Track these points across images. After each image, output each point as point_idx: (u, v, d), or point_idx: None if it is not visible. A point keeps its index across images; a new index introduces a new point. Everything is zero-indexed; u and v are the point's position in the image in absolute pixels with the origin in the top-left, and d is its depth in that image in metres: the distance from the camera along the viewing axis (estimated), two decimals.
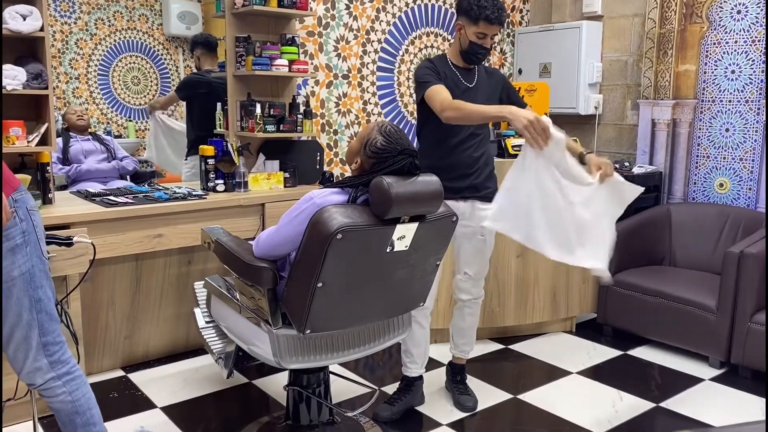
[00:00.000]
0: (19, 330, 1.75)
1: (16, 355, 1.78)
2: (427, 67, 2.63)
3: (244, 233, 3.01)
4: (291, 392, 2.38)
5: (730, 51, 3.96)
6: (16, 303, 1.73)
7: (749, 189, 3.95)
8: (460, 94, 2.61)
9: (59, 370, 1.82)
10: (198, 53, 4.00)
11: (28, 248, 1.72)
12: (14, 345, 1.76)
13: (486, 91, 2.69)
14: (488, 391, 3.00)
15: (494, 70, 2.82)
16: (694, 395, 3.00)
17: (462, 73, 2.67)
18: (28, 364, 1.78)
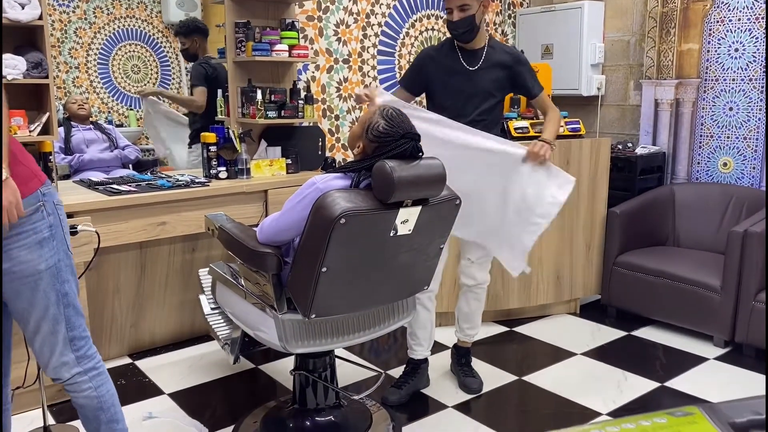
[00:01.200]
0: (46, 324, 1.72)
1: (43, 349, 1.76)
2: (415, 59, 2.70)
3: (248, 220, 3.01)
4: (297, 377, 2.39)
5: (734, 29, 3.93)
6: (43, 297, 1.71)
7: (753, 168, 3.94)
8: (457, 77, 2.61)
9: (85, 365, 1.81)
10: (197, 39, 3.96)
11: (54, 242, 1.71)
12: (40, 339, 1.74)
13: (491, 75, 2.62)
14: (493, 373, 3.01)
15: (510, 53, 2.67)
16: (699, 374, 3.01)
17: (466, 55, 2.62)
18: (55, 359, 1.76)
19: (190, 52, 3.97)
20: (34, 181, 1.68)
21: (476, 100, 2.62)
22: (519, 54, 2.70)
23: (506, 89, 2.70)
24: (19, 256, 1.65)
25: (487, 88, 2.63)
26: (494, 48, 2.65)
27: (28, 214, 1.64)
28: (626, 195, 3.96)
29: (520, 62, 2.66)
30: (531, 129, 3.48)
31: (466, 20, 2.53)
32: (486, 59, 2.62)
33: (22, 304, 1.70)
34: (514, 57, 2.66)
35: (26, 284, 1.67)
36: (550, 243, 3.58)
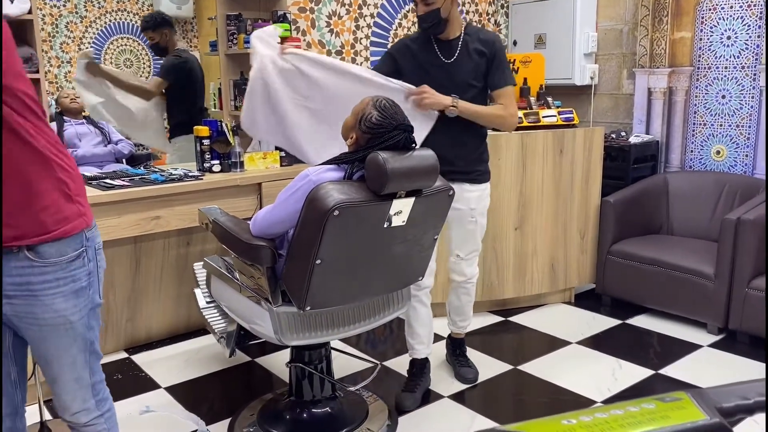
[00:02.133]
0: (69, 372, 1.62)
1: (62, 395, 1.65)
2: (390, 47, 2.66)
3: (242, 213, 3.01)
4: (293, 369, 2.40)
5: (726, 16, 3.93)
6: (69, 345, 1.59)
7: (746, 156, 3.95)
8: (434, 71, 2.51)
9: (102, 408, 1.72)
10: (166, 32, 3.85)
11: (90, 290, 1.60)
12: (61, 386, 1.64)
13: (469, 65, 2.52)
14: (489, 362, 3.03)
15: (486, 40, 2.54)
16: (693, 361, 3.03)
17: (442, 47, 2.53)
18: (77, 405, 1.66)
19: (160, 45, 3.88)
20: (79, 221, 1.54)
21: (456, 92, 2.50)
22: (496, 40, 2.56)
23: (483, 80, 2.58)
24: (53, 303, 1.52)
25: (466, 79, 2.52)
26: (471, 36, 2.54)
27: (69, 260, 1.52)
28: (620, 184, 3.97)
29: (496, 49, 2.53)
30: (524, 119, 3.48)
31: (432, 14, 2.44)
32: (462, 50, 2.52)
33: (48, 351, 1.59)
34: (490, 43, 2.52)
35: (56, 332, 1.57)
36: (545, 232, 3.59)
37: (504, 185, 3.42)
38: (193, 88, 3.81)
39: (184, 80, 3.84)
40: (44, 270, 1.49)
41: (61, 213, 1.49)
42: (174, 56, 3.86)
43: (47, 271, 1.50)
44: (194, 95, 3.87)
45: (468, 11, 4.73)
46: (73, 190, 1.52)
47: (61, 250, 1.50)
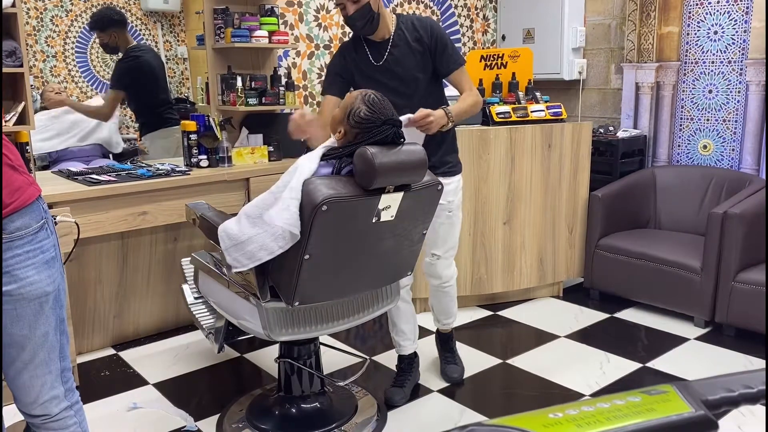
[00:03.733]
0: (42, 352, 1.58)
1: (33, 382, 1.59)
2: (330, 62, 2.51)
3: (229, 208, 2.99)
4: (282, 364, 2.40)
5: (713, 11, 3.95)
6: (44, 321, 1.56)
7: (732, 150, 3.97)
8: (369, 77, 2.41)
9: (71, 399, 1.67)
10: (115, 33, 3.75)
11: (57, 263, 1.58)
12: (32, 370, 1.58)
13: (406, 62, 2.38)
14: (477, 356, 3.04)
15: (423, 26, 2.38)
16: (680, 354, 3.05)
17: (374, 49, 2.41)
18: (45, 391, 1.60)
19: (110, 45, 3.79)
20: (32, 190, 1.53)
21: (404, 89, 2.39)
22: (433, 25, 2.41)
23: (430, 67, 2.43)
24: (27, 276, 1.50)
25: (411, 72, 2.39)
26: (405, 26, 2.40)
27: (34, 232, 1.51)
28: (608, 178, 3.99)
29: (435, 33, 2.38)
30: (513, 114, 3.48)
31: (363, 10, 2.29)
32: (394, 50, 2.39)
33: (21, 330, 1.54)
34: (427, 29, 2.38)
35: (30, 307, 1.53)
36: (533, 227, 3.60)
37: (492, 180, 3.43)
38: (152, 84, 3.79)
39: (141, 80, 3.77)
40: (12, 245, 1.48)
41: (11, 185, 1.47)
42: (124, 60, 3.77)
43: (15, 246, 1.48)
44: (156, 90, 3.86)
45: (456, 5, 4.73)
46: (14, 161, 1.51)
47: (25, 222, 1.49)
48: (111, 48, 3.81)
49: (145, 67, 3.76)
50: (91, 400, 2.63)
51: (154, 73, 3.73)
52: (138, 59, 3.75)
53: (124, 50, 3.79)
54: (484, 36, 4.94)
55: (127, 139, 4.38)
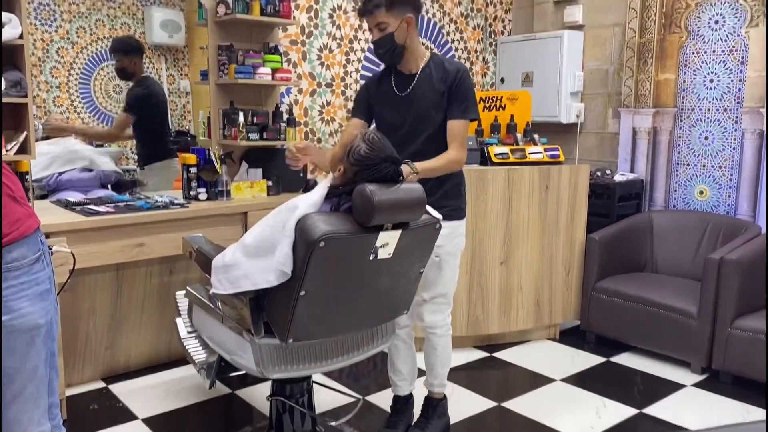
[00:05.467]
0: (31, 386, 1.55)
1: (20, 416, 1.55)
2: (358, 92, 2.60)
3: (227, 242, 2.97)
4: (274, 402, 2.36)
5: (709, 60, 4.02)
6: (35, 355, 1.53)
7: (728, 196, 4.00)
8: (391, 104, 2.44)
9: None
10: (136, 59, 3.87)
11: (51, 295, 1.57)
12: (20, 404, 1.55)
13: (425, 99, 2.38)
14: (473, 398, 3.00)
15: (449, 69, 2.38)
16: (677, 401, 3.01)
17: (399, 80, 2.44)
18: (32, 427, 1.56)
19: (128, 71, 3.89)
20: (31, 222, 1.53)
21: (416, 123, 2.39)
22: (460, 69, 2.38)
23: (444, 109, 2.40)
24: (21, 308, 1.48)
25: (426, 109, 2.39)
26: (431, 67, 2.41)
27: (30, 264, 1.50)
28: (605, 221, 4.00)
29: (456, 78, 2.36)
30: (511, 155, 3.51)
31: (386, 39, 2.35)
32: (419, 83, 2.40)
33: (11, 363, 1.52)
34: (452, 72, 2.37)
35: (22, 339, 1.51)
36: (530, 267, 3.60)
37: (490, 219, 3.44)
38: (159, 117, 3.87)
39: (151, 110, 3.86)
40: (7, 276, 1.46)
41: (11, 215, 1.47)
42: (139, 87, 3.87)
43: (11, 276, 1.47)
44: (162, 123, 3.95)
45: (457, 48, 4.81)
46: (16, 192, 1.51)
47: (22, 253, 1.48)
48: (127, 74, 3.89)
49: (156, 97, 3.83)
50: None
51: (162, 106, 3.80)
52: (150, 88, 3.84)
53: (137, 78, 3.89)
54: (484, 78, 5.02)
55: (127, 170, 4.40)
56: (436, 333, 2.57)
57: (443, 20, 4.71)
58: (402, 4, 2.34)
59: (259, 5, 3.40)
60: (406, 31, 2.37)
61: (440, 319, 2.56)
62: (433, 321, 2.55)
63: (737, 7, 3.86)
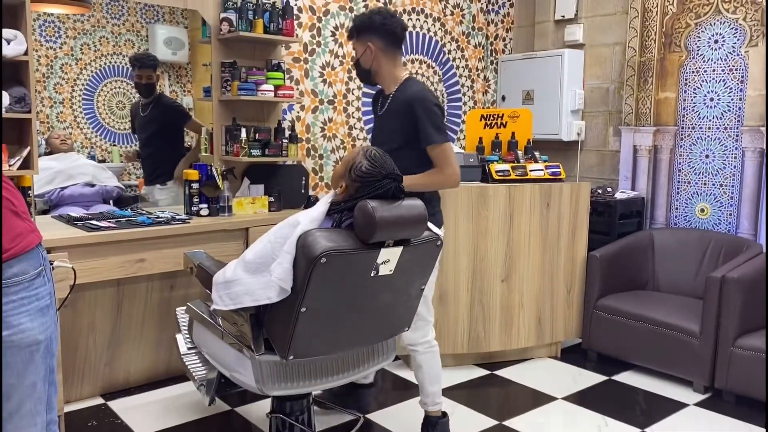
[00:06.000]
0: (29, 403, 1.53)
1: None
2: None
3: (228, 258, 2.98)
4: (274, 420, 2.34)
5: (709, 79, 4.05)
6: (34, 371, 1.52)
7: (729, 214, 4.00)
8: (377, 120, 2.72)
9: None
10: (157, 74, 3.92)
11: (51, 311, 1.56)
12: (17, 421, 1.53)
13: (394, 121, 2.55)
14: (473, 417, 2.97)
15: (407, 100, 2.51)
16: (679, 420, 2.99)
17: (382, 99, 2.67)
18: None
19: (150, 86, 3.94)
20: (32, 237, 1.53)
21: (387, 142, 2.50)
22: (417, 97, 2.50)
23: (408, 135, 2.53)
24: (20, 323, 1.47)
25: (391, 132, 2.55)
26: (400, 92, 2.56)
27: (30, 279, 1.50)
28: (606, 239, 4.00)
29: (413, 107, 2.48)
30: (512, 172, 3.52)
31: (355, 63, 2.65)
32: (392, 105, 2.58)
33: (8, 379, 1.50)
34: (408, 102, 2.50)
35: (20, 355, 1.50)
36: (531, 285, 3.59)
37: (491, 236, 3.43)
38: (182, 131, 3.86)
39: (177, 122, 3.89)
40: (7, 291, 1.45)
41: (13, 230, 1.46)
42: (167, 98, 3.92)
43: (11, 292, 1.46)
44: (182, 138, 3.93)
45: (458, 66, 4.84)
46: (18, 207, 1.50)
47: (23, 268, 1.47)
48: (148, 88, 3.92)
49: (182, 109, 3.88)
50: None
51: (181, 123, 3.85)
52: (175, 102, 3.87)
53: (157, 94, 3.93)
54: (485, 96, 5.04)
55: (129, 186, 4.41)
56: (417, 350, 2.58)
57: (445, 38, 4.74)
58: (366, 32, 2.55)
59: (263, 23, 3.43)
60: (370, 57, 2.56)
61: (419, 336, 2.56)
62: (412, 338, 2.56)
63: (737, 27, 3.89)
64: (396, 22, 2.55)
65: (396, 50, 2.58)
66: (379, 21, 2.52)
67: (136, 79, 3.92)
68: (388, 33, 2.54)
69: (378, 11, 2.57)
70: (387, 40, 2.54)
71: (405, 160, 2.43)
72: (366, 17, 2.57)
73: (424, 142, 2.48)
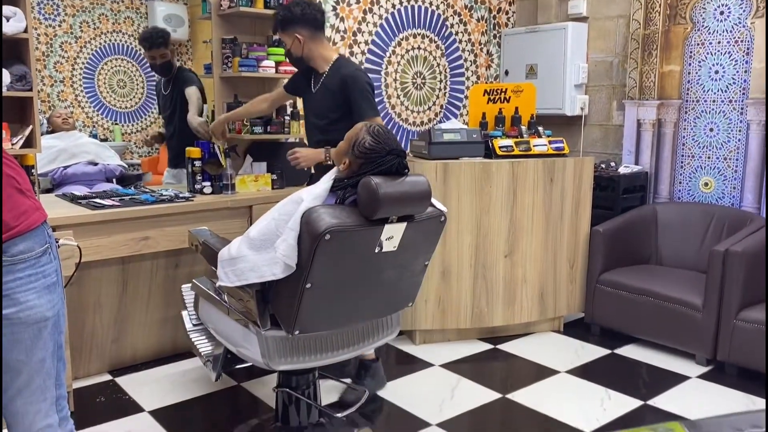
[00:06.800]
0: (38, 378, 1.56)
1: (27, 409, 1.56)
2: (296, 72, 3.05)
3: (232, 235, 2.98)
4: (280, 394, 2.37)
5: (714, 51, 4.01)
6: (42, 347, 1.54)
7: (733, 188, 3.99)
8: (306, 100, 2.96)
9: (65, 428, 1.65)
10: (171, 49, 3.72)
11: (59, 288, 1.58)
12: (27, 396, 1.55)
13: (326, 97, 2.82)
14: (477, 390, 3.00)
15: (341, 75, 2.79)
16: (681, 393, 3.02)
17: (314, 77, 2.90)
18: (39, 419, 1.57)
19: (167, 63, 3.72)
20: (38, 215, 1.54)
21: (316, 119, 2.87)
22: (350, 76, 2.77)
23: (344, 110, 2.79)
24: (28, 300, 1.49)
25: (322, 110, 2.84)
26: (334, 71, 2.82)
27: (37, 256, 1.52)
28: (609, 214, 4.00)
29: (347, 85, 2.76)
30: (515, 147, 3.51)
31: (287, 53, 2.90)
32: (323, 83, 2.85)
33: (17, 356, 1.52)
34: (343, 80, 2.77)
35: (29, 332, 1.52)
36: (534, 260, 3.60)
37: (494, 212, 3.44)
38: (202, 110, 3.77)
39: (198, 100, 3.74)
40: (14, 268, 1.47)
41: (18, 208, 1.48)
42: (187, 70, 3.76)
43: (18, 269, 1.48)
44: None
45: (461, 40, 4.80)
46: (23, 185, 1.52)
47: (29, 246, 1.49)
48: (164, 68, 3.73)
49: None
50: (85, 427, 2.59)
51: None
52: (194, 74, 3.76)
53: (176, 69, 3.78)
54: (488, 71, 5.01)
55: (131, 165, 4.41)
56: None
57: (447, 12, 4.70)
58: (290, 24, 2.79)
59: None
60: (300, 46, 2.81)
61: None
62: None
63: None
64: (314, 8, 2.81)
65: (320, 33, 2.85)
66: (299, 12, 2.76)
67: (150, 60, 3.74)
68: (310, 21, 2.79)
69: (296, 2, 2.79)
70: (311, 27, 2.79)
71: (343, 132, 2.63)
72: (287, 10, 2.79)
73: (358, 117, 2.70)
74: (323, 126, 2.86)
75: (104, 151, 4.02)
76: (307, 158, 2.84)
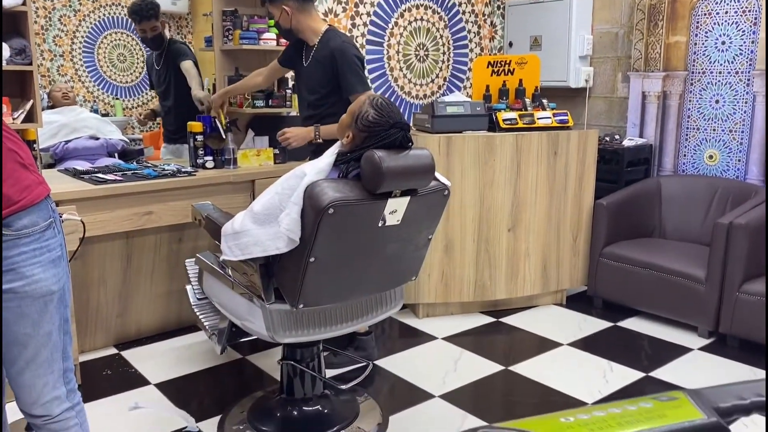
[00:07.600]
0: (45, 352, 1.58)
1: (34, 381, 1.58)
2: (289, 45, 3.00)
3: (234, 209, 2.98)
4: (285, 367, 2.39)
5: (721, 22, 3.95)
6: (48, 320, 1.56)
7: (738, 161, 3.97)
8: (298, 72, 2.91)
9: (73, 400, 1.67)
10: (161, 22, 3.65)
11: (63, 262, 1.59)
12: (34, 369, 1.57)
13: (317, 71, 2.77)
14: (480, 363, 3.03)
15: (331, 49, 2.73)
16: (683, 364, 3.04)
17: (305, 50, 2.85)
18: (47, 391, 1.59)
19: (159, 37, 3.64)
20: (41, 189, 1.54)
21: (308, 93, 2.84)
22: (338, 49, 2.72)
23: (333, 84, 2.76)
24: (33, 274, 1.51)
25: (313, 84, 2.81)
26: (322, 44, 2.78)
27: (41, 230, 1.52)
28: (613, 187, 3.98)
29: (336, 59, 2.71)
30: (519, 120, 3.48)
31: (276, 26, 2.87)
32: (313, 56, 2.80)
33: (24, 329, 1.54)
34: (332, 54, 2.72)
35: (35, 306, 1.53)
36: (538, 234, 3.60)
37: (498, 185, 3.43)
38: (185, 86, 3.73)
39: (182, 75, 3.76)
40: (18, 242, 1.48)
41: (21, 182, 1.48)
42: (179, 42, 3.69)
43: (22, 243, 1.49)
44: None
45: (464, 12, 4.73)
46: (25, 159, 1.52)
47: (33, 220, 1.50)
48: (155, 41, 3.64)
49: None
50: (92, 399, 2.63)
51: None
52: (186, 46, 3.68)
53: (167, 42, 3.67)
54: (492, 42, 4.95)
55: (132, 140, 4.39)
56: None
57: None
58: None
59: None
60: (288, 18, 2.75)
61: None
62: None
63: None
64: None
65: (309, 5, 2.79)
66: None
67: (140, 33, 3.67)
68: None
69: None
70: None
71: (334, 107, 2.73)
72: None
73: (347, 92, 2.70)
74: (313, 101, 2.84)
75: (105, 126, 4.00)
76: (297, 137, 2.82)
